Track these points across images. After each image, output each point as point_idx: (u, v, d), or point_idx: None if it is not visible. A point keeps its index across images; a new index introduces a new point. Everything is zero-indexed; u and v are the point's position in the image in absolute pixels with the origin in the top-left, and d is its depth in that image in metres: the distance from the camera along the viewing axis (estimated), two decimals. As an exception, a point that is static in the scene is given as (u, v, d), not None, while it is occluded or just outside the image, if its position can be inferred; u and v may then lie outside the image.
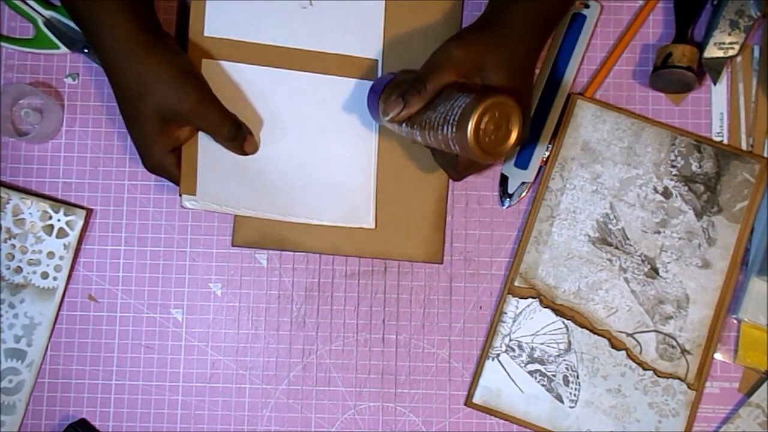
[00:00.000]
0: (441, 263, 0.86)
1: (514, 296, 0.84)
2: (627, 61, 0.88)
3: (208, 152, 0.81)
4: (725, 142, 0.86)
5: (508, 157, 0.86)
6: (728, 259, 0.84)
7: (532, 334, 0.84)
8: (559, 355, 0.84)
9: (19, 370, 0.84)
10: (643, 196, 0.85)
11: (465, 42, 0.76)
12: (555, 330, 0.84)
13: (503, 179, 0.86)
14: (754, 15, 0.84)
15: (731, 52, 0.84)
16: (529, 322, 0.84)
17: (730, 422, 0.83)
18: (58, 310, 0.85)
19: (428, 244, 0.85)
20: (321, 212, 0.84)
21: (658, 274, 0.84)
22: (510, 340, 0.84)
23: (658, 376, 0.83)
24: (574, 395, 0.83)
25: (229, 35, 0.84)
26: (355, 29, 0.85)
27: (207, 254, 0.86)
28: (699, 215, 0.84)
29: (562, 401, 0.83)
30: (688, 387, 0.83)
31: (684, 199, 0.85)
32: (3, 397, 0.84)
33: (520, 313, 0.84)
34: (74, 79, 0.88)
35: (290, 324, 0.86)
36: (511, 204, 0.86)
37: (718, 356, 0.84)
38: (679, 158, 0.85)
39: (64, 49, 0.86)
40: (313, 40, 0.85)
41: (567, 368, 0.83)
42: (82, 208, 0.86)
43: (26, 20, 0.87)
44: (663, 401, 0.83)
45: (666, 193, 0.85)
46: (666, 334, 0.83)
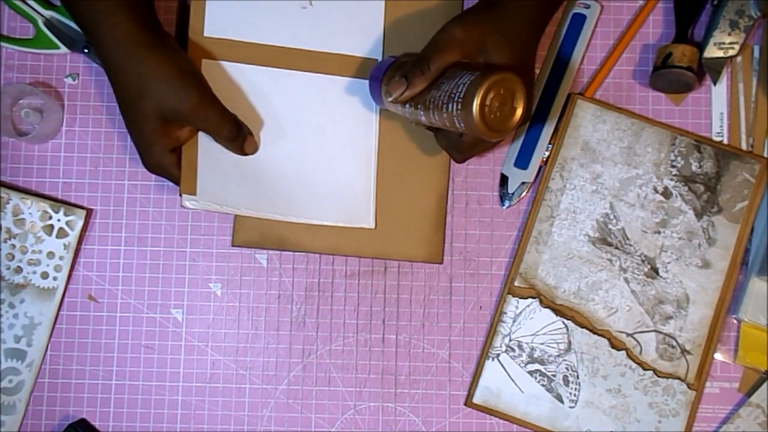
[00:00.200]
0: (441, 263, 0.86)
1: (514, 296, 0.84)
2: (627, 61, 0.88)
3: (208, 152, 0.81)
4: (725, 142, 0.86)
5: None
6: (728, 259, 0.84)
7: (532, 334, 0.84)
8: (559, 355, 0.84)
9: (19, 370, 0.84)
10: (643, 196, 0.85)
11: (467, 22, 0.76)
12: (555, 330, 0.84)
13: (503, 179, 0.86)
14: (754, 15, 0.84)
15: (731, 52, 0.84)
16: (529, 322, 0.84)
17: (730, 422, 0.83)
18: (58, 310, 0.85)
19: (428, 244, 0.85)
20: (321, 212, 0.84)
21: (658, 274, 0.84)
22: (510, 340, 0.84)
23: (658, 376, 0.83)
24: (574, 395, 0.83)
25: (229, 35, 0.84)
26: (355, 29, 0.85)
27: (207, 254, 0.86)
28: (699, 215, 0.84)
29: (562, 401, 0.83)
30: (688, 387, 0.83)
31: (684, 199, 0.85)
32: (3, 397, 0.84)
33: (520, 313, 0.84)
34: (74, 79, 0.88)
35: (290, 324, 0.85)
36: (511, 204, 0.86)
37: (718, 356, 0.84)
38: (679, 158, 0.85)
39: (64, 49, 0.86)
40: (313, 40, 0.85)
41: (567, 368, 0.83)
42: (82, 208, 0.86)
43: (26, 20, 0.87)
44: (663, 401, 0.83)
45: (666, 193, 0.85)
46: (666, 334, 0.83)
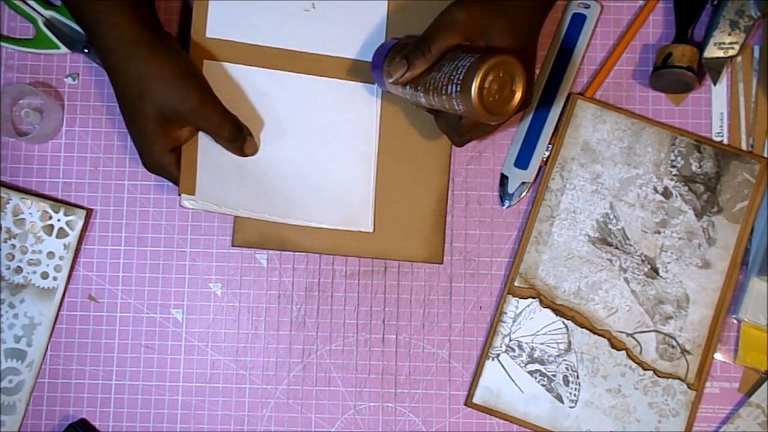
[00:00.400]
0: (441, 263, 0.86)
1: (514, 296, 0.84)
2: (627, 61, 0.88)
3: (207, 152, 0.81)
4: (725, 142, 0.86)
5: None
6: (728, 259, 0.84)
7: (532, 334, 0.84)
8: (559, 355, 0.84)
9: (19, 370, 0.84)
10: (643, 196, 0.85)
11: (469, 5, 0.76)
12: (555, 330, 0.84)
13: (503, 179, 0.86)
14: (754, 15, 0.84)
15: (731, 52, 0.84)
16: (529, 322, 0.84)
17: (730, 422, 0.83)
18: (58, 310, 0.85)
19: (428, 245, 0.85)
20: (319, 215, 0.84)
21: (658, 274, 0.84)
22: (510, 340, 0.84)
23: (658, 376, 0.83)
24: (574, 395, 0.83)
25: (232, 36, 0.84)
26: (358, 32, 0.85)
27: (207, 254, 0.86)
28: (699, 215, 0.84)
29: (562, 401, 0.83)
30: (688, 387, 0.83)
31: (684, 199, 0.85)
32: (3, 397, 0.84)
33: (520, 313, 0.84)
34: (74, 79, 0.88)
35: (290, 324, 0.85)
36: (511, 204, 0.86)
37: (718, 356, 0.84)
38: (679, 158, 0.85)
39: (64, 49, 0.86)
40: (315, 43, 0.85)
41: (567, 368, 0.83)
42: (82, 208, 0.86)
43: (26, 20, 0.87)
44: (663, 401, 0.83)
45: (666, 193, 0.85)
46: (666, 334, 0.83)
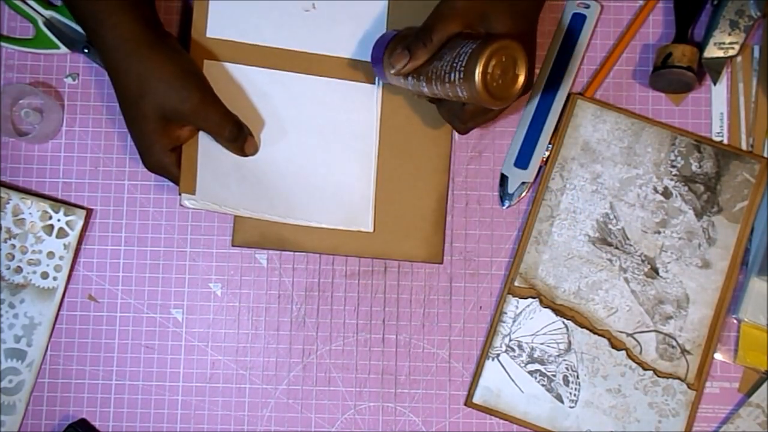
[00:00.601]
0: (441, 263, 0.86)
1: (514, 296, 0.84)
2: (627, 61, 0.88)
3: (208, 152, 0.81)
4: (725, 142, 0.86)
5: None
6: (728, 259, 0.84)
7: (532, 334, 0.84)
8: (559, 355, 0.84)
9: (19, 370, 0.84)
10: (643, 196, 0.85)
11: None
12: (555, 330, 0.84)
13: (503, 179, 0.86)
14: (754, 15, 0.84)
15: (731, 52, 0.84)
16: (529, 322, 0.84)
17: (730, 422, 0.83)
18: (58, 310, 0.85)
19: (428, 245, 0.85)
20: (319, 215, 0.84)
21: (658, 274, 0.84)
22: (510, 340, 0.84)
23: (658, 376, 0.83)
24: (574, 395, 0.83)
25: (232, 36, 0.84)
26: (358, 32, 0.85)
27: (207, 254, 0.86)
28: (699, 215, 0.84)
29: (562, 401, 0.83)
30: (688, 387, 0.83)
31: (684, 199, 0.85)
32: (3, 397, 0.84)
33: (520, 313, 0.84)
34: (74, 79, 0.88)
35: (290, 324, 0.85)
36: (511, 204, 0.86)
37: (718, 356, 0.84)
38: (679, 158, 0.85)
39: (64, 49, 0.86)
40: (315, 43, 0.85)
41: (567, 368, 0.83)
42: (82, 208, 0.86)
43: (26, 20, 0.87)
44: (663, 401, 0.83)
45: (666, 193, 0.85)
46: (666, 334, 0.83)
